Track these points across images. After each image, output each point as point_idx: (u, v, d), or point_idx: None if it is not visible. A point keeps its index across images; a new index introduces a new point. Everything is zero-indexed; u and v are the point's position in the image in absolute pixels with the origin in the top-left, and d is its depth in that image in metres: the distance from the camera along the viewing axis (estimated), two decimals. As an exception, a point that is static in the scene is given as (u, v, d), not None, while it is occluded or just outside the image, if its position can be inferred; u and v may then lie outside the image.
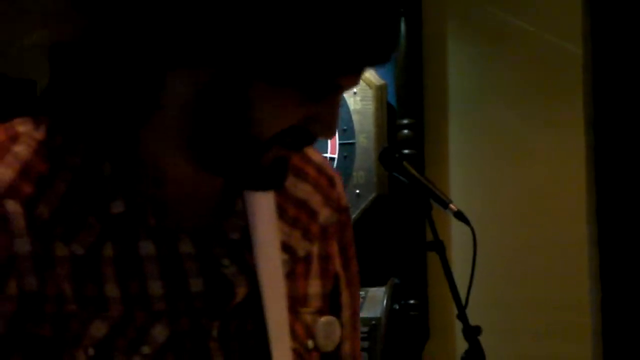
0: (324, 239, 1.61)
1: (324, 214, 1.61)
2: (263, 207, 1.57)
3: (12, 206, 1.38)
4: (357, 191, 4.04)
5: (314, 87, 1.35)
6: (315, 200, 1.61)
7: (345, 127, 4.10)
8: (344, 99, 4.03)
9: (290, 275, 1.56)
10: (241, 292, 1.48)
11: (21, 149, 1.41)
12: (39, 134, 1.44)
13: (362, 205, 4.01)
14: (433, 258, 3.16)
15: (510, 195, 3.99)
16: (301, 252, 1.57)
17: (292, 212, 1.58)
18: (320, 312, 1.57)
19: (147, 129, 1.45)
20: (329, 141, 4.11)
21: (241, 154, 1.42)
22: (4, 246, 1.39)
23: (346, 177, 4.06)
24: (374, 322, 3.89)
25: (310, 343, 1.56)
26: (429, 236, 2.93)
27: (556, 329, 3.85)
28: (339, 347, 1.61)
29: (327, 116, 1.38)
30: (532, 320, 3.92)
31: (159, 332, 1.45)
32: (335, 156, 4.13)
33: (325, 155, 4.12)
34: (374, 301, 4.00)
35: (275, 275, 1.57)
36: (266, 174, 1.43)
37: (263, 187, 1.47)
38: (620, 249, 4.27)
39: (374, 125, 4.03)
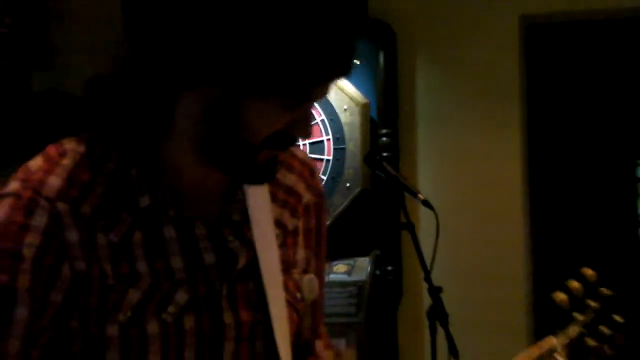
0: (307, 216, 1.83)
1: (307, 197, 1.82)
2: (258, 193, 1.74)
3: (62, 206, 1.54)
4: (347, 185, 4.50)
5: (291, 98, 1.49)
6: (300, 186, 1.81)
7: (338, 136, 4.51)
8: (336, 114, 4.52)
9: (283, 245, 1.76)
10: (243, 260, 1.67)
11: (68, 162, 1.58)
12: (81, 148, 1.59)
13: (351, 196, 4.48)
14: (405, 235, 3.58)
15: (465, 187, 4.48)
16: (290, 227, 1.79)
17: (282, 196, 1.78)
18: (305, 272, 1.81)
19: (165, 139, 1.61)
20: (325, 146, 4.55)
21: (239, 155, 1.57)
22: (58, 237, 1.55)
23: (338, 174, 4.52)
24: (360, 283, 4.33)
25: (298, 295, 1.78)
26: (403, 219, 3.30)
27: (495, 283, 4.28)
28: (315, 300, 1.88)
29: (303, 121, 1.56)
30: (478, 279, 4.32)
31: (181, 296, 1.61)
32: (331, 158, 4.53)
33: (322, 157, 4.55)
34: (361, 268, 4.40)
35: (270, 246, 1.74)
36: (260, 170, 1.61)
37: (258, 182, 1.68)
38: (549, 225, 4.76)
39: (360, 134, 4.45)
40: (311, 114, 1.58)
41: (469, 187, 4.52)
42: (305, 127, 1.57)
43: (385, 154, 4.32)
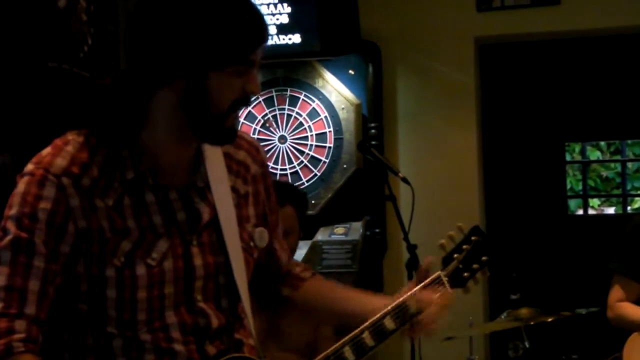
0: (254, 183, 1.90)
1: (253, 168, 1.90)
2: (217, 166, 1.81)
3: (66, 180, 1.64)
4: (344, 166, 4.81)
5: (240, 63, 1.64)
6: (248, 160, 1.89)
7: (337, 129, 4.81)
8: (336, 112, 4.80)
9: (237, 206, 1.82)
10: (206, 216, 1.76)
11: (70, 148, 1.67)
12: (81, 138, 1.69)
13: (347, 175, 4.80)
14: (389, 205, 3.73)
15: (434, 167, 4.75)
16: (242, 191, 1.86)
17: (235, 168, 1.85)
18: (256, 226, 1.88)
19: (145, 126, 1.70)
20: (327, 136, 4.82)
21: (213, 123, 1.67)
22: (64, 203, 1.64)
23: (337, 157, 4.80)
24: (354, 242, 4.59)
25: (252, 243, 1.85)
26: (387, 192, 3.43)
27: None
28: (270, 244, 1.94)
29: (253, 81, 1.69)
30: (442, 237, 4.26)
31: (161, 245, 1.70)
32: (332, 145, 4.81)
33: (325, 145, 4.81)
34: (355, 230, 4.65)
35: (228, 206, 1.80)
36: (228, 133, 1.72)
37: (228, 142, 1.77)
38: (498, 195, 4.97)
39: (354, 127, 4.78)
40: (257, 77, 1.71)
41: (438, 167, 4.79)
42: (254, 86, 1.71)
43: (373, 142, 4.60)
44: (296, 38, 4.60)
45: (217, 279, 1.78)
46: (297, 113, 4.94)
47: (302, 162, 4.93)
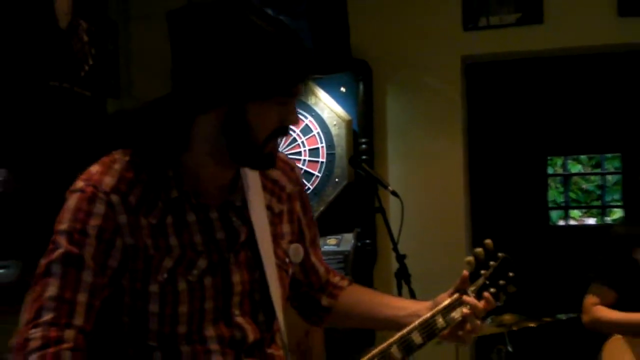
0: (289, 201, 1.89)
1: (289, 187, 1.89)
2: (254, 185, 1.80)
3: (114, 198, 1.65)
4: (337, 179, 4.77)
5: (281, 95, 1.63)
6: (283, 179, 1.89)
7: (329, 144, 4.78)
8: (328, 128, 4.76)
9: (272, 223, 1.82)
10: (243, 235, 1.75)
11: (118, 166, 1.68)
12: (127, 157, 1.70)
13: (339, 188, 4.77)
14: (379, 217, 3.55)
15: (422, 180, 4.75)
16: (277, 210, 1.85)
17: (270, 187, 1.85)
18: (291, 242, 1.87)
19: (188, 149, 1.71)
20: (320, 151, 4.78)
21: (253, 150, 1.67)
22: (113, 219, 1.65)
23: (330, 171, 4.77)
24: (346, 253, 4.55)
25: (286, 259, 1.85)
26: (377, 204, 3.38)
27: (444, 251, 4.46)
28: (304, 260, 1.94)
29: (292, 113, 1.68)
30: (433, 247, 4.48)
31: (201, 263, 1.70)
32: (324, 160, 4.79)
33: (318, 159, 4.78)
34: (347, 241, 4.62)
35: (264, 224, 1.79)
36: (267, 158, 1.71)
37: (267, 167, 1.76)
38: (483, 207, 5.07)
39: (345, 142, 4.76)
40: (295, 108, 1.70)
41: (426, 180, 4.78)
42: (294, 116, 1.70)
43: (364, 157, 4.64)
44: (289, 57, 4.65)
45: (253, 294, 1.78)
46: (291, 130, 4.67)
47: (296, 176, 4.90)
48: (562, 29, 4.62)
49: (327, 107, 4.85)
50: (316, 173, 4.84)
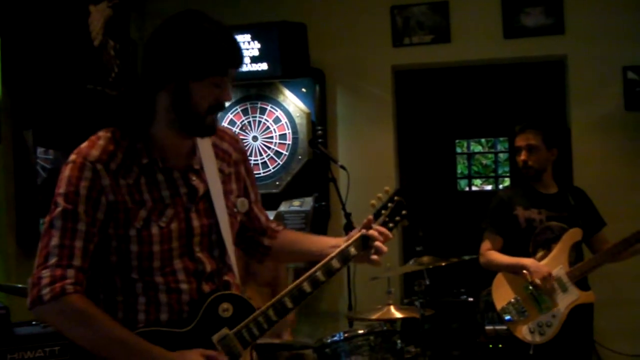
0: (235, 165, 1.95)
1: (235, 155, 1.95)
2: (207, 153, 1.86)
3: (99, 166, 1.71)
4: (299, 157, 5.14)
5: (216, 75, 1.68)
6: (230, 149, 1.94)
7: (294, 130, 5.12)
8: (293, 119, 5.07)
9: (223, 182, 1.88)
10: (201, 190, 1.82)
11: (101, 142, 1.74)
12: (109, 134, 1.75)
13: (302, 164, 5.13)
14: (331, 185, 3.99)
15: (364, 159, 5.05)
16: (226, 172, 1.91)
17: (221, 154, 1.90)
18: (238, 197, 1.95)
19: (153, 123, 1.76)
20: (287, 136, 5.08)
21: (196, 121, 1.73)
22: (98, 182, 1.71)
23: (294, 151, 5.11)
24: (307, 212, 4.96)
25: (235, 209, 1.92)
26: (329, 175, 3.82)
27: None
28: (249, 210, 2.00)
29: (225, 94, 1.73)
30: (369, 205, 3.94)
31: (169, 212, 1.78)
32: (290, 142, 5.13)
33: (285, 142, 5.06)
34: (307, 203, 5.01)
35: (216, 182, 1.85)
36: (208, 128, 1.77)
37: (208, 135, 1.81)
38: (407, 178, 5.13)
39: (306, 129, 5.13)
40: (229, 90, 1.72)
41: (366, 158, 5.09)
42: (227, 96, 1.72)
43: (320, 140, 5.02)
44: (264, 66, 4.97)
45: (210, 236, 1.85)
46: (265, 119, 5.20)
47: (269, 154, 5.20)
48: (464, 47, 4.96)
49: (292, 103, 5.20)
50: (284, 152, 5.18)
